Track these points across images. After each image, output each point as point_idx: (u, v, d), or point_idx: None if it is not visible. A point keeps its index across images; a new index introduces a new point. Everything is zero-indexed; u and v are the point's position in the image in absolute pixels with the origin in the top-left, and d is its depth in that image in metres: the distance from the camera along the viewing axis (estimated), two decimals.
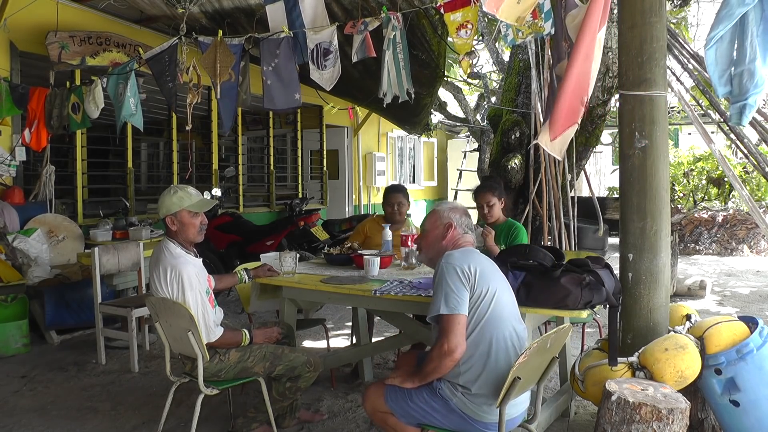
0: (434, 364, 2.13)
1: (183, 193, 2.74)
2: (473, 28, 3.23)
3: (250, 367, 2.74)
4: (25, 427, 3.26)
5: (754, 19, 2.24)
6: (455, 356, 2.09)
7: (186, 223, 2.73)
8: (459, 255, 2.22)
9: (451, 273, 2.15)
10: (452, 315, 2.10)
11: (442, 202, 2.60)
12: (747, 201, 3.85)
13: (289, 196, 9.07)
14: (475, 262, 2.20)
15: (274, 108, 3.89)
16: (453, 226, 2.38)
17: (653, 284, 2.56)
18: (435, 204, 2.64)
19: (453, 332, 2.09)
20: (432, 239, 2.42)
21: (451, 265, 2.17)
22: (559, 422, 3.12)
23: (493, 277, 2.23)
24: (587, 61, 2.51)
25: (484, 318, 2.14)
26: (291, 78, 3.80)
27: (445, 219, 2.40)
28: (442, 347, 2.09)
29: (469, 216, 2.49)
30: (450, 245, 2.36)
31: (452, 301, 2.11)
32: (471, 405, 2.14)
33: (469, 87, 12.98)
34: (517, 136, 5.99)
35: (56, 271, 5.12)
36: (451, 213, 2.42)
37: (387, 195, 4.00)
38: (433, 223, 2.44)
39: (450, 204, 2.51)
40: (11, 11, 5.21)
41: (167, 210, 2.72)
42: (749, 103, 2.30)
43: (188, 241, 2.78)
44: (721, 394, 2.42)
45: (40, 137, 5.02)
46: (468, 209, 2.59)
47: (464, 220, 2.42)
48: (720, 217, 10.03)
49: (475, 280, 2.15)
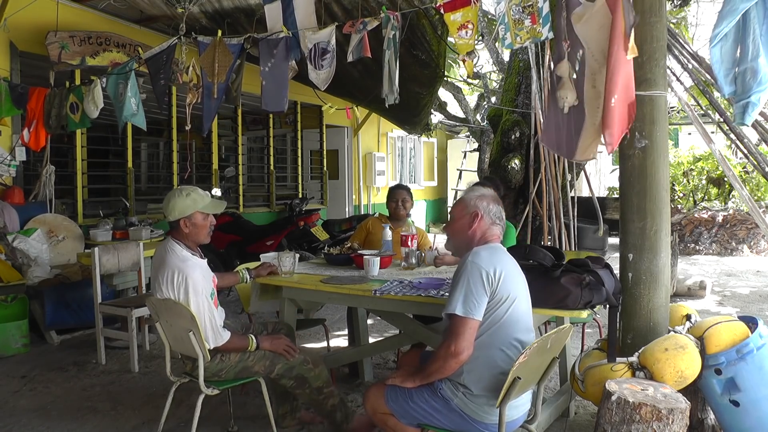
0: (438, 364, 2.12)
1: (196, 195, 2.72)
2: (474, 28, 3.22)
3: (250, 366, 2.74)
4: (25, 427, 3.26)
5: (756, 16, 2.23)
6: (461, 359, 2.07)
7: (199, 225, 2.72)
8: (486, 255, 2.16)
9: (475, 274, 2.10)
10: (466, 318, 2.08)
11: (472, 187, 2.45)
12: (747, 201, 3.85)
13: (289, 196, 9.07)
14: (501, 264, 2.15)
15: (267, 109, 3.91)
16: (480, 215, 2.28)
17: (653, 284, 2.56)
18: (466, 188, 2.50)
19: (463, 335, 2.07)
20: (458, 228, 2.32)
21: (477, 265, 2.11)
22: (559, 422, 3.12)
23: (515, 282, 2.19)
24: (628, 63, 2.42)
25: (497, 323, 2.13)
26: (282, 81, 3.79)
27: (472, 208, 2.30)
28: (449, 348, 2.08)
29: (500, 203, 2.37)
30: (477, 236, 2.28)
31: (469, 304, 2.08)
32: (472, 405, 2.14)
33: (469, 87, 12.99)
34: (517, 136, 5.99)
35: (56, 271, 5.12)
36: (479, 201, 2.31)
37: (391, 192, 4.10)
38: (459, 212, 2.33)
39: (479, 191, 2.37)
40: (11, 11, 5.21)
41: (181, 212, 2.69)
42: (752, 101, 2.28)
43: (197, 243, 2.77)
44: (721, 394, 2.42)
45: (39, 137, 5.02)
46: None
47: (493, 208, 2.31)
48: (720, 217, 10.03)
49: (498, 284, 2.11)
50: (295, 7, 3.73)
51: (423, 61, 5.68)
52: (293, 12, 3.73)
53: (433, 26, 5.25)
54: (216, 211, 2.78)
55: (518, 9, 3.00)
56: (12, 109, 5.10)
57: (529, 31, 3.01)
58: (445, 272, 3.25)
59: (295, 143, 9.59)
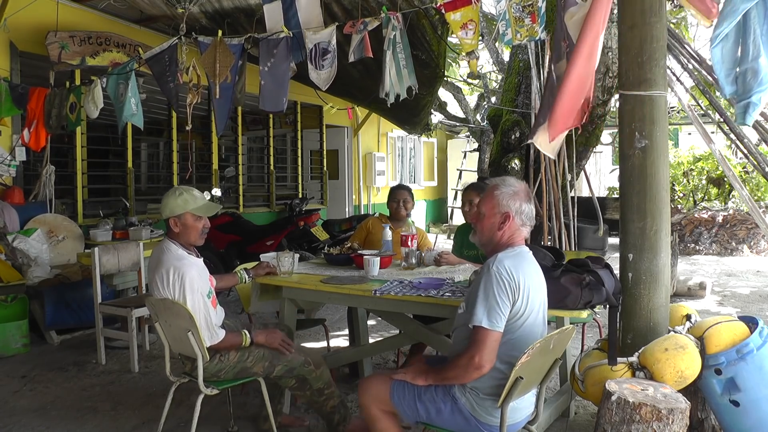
0: (458, 372, 2.09)
1: (188, 195, 2.71)
2: (476, 28, 3.23)
3: (249, 367, 2.74)
4: (25, 427, 3.26)
5: (757, 16, 2.23)
6: (483, 371, 2.05)
7: (189, 226, 2.71)
8: (511, 264, 2.10)
9: (500, 285, 2.06)
10: (491, 331, 2.05)
11: (504, 181, 2.28)
12: (747, 201, 3.85)
13: (289, 196, 9.07)
14: (524, 274, 2.11)
15: (264, 109, 3.91)
16: (511, 217, 2.19)
17: (653, 284, 2.56)
18: (497, 180, 2.30)
19: (487, 348, 2.04)
20: (488, 226, 2.23)
21: (502, 276, 2.06)
22: (559, 422, 3.12)
23: (537, 293, 2.16)
24: (590, 61, 2.49)
25: (513, 334, 2.11)
26: (282, 81, 3.79)
27: (504, 208, 2.20)
28: (472, 359, 2.04)
29: (531, 201, 2.27)
30: (504, 237, 2.21)
31: (495, 316, 2.05)
32: (478, 407, 2.14)
33: (469, 87, 12.98)
34: (517, 136, 5.99)
35: (56, 271, 5.12)
36: (511, 201, 2.20)
37: (392, 192, 4.11)
38: (490, 209, 2.23)
39: (512, 188, 2.24)
40: (11, 11, 5.21)
41: (171, 212, 2.70)
42: (753, 101, 2.27)
43: (189, 244, 2.77)
44: (721, 394, 2.42)
45: (39, 137, 5.02)
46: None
47: (524, 208, 2.22)
48: (720, 217, 10.03)
49: (520, 295, 2.08)
50: (298, 8, 3.73)
51: (423, 61, 5.68)
52: (296, 13, 3.73)
53: (433, 26, 5.24)
54: (208, 214, 2.76)
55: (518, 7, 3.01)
56: (12, 109, 5.11)
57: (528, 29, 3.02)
58: (445, 272, 3.25)
59: (295, 143, 9.60)
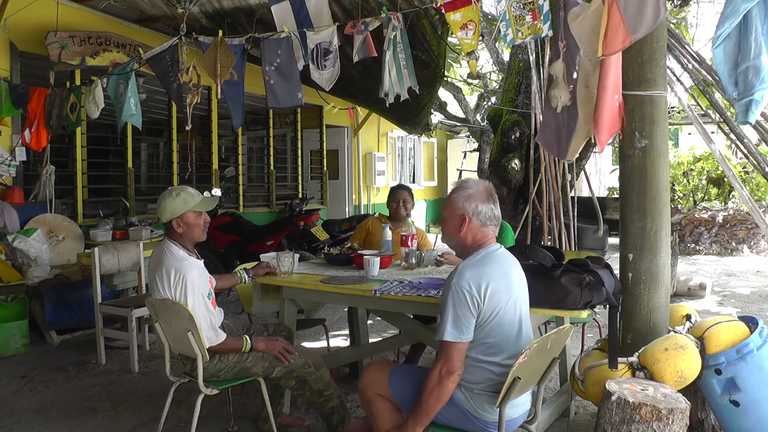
0: (435, 393, 2.07)
1: (185, 194, 2.73)
2: (476, 28, 3.22)
3: (249, 367, 2.74)
4: (25, 427, 3.26)
5: (758, 14, 2.22)
6: (455, 377, 2.06)
7: (192, 223, 2.73)
8: (471, 275, 2.08)
9: (460, 299, 2.06)
10: (457, 343, 2.07)
11: (462, 183, 2.28)
12: (747, 201, 3.85)
13: (289, 196, 9.06)
14: (487, 278, 2.07)
15: (278, 106, 3.91)
16: (467, 219, 2.18)
17: (653, 284, 2.56)
18: (457, 183, 2.32)
19: (453, 358, 2.06)
20: (450, 229, 2.24)
21: (461, 288, 2.06)
22: (559, 422, 3.12)
23: (504, 292, 2.11)
24: (619, 60, 2.44)
25: (489, 335, 2.11)
26: (293, 76, 3.82)
27: (459, 210, 2.20)
28: (440, 371, 2.06)
29: (492, 200, 2.23)
30: (468, 240, 2.21)
31: (459, 329, 2.06)
32: (472, 402, 2.14)
33: (469, 87, 12.98)
34: (517, 136, 5.99)
35: (56, 271, 5.12)
36: (466, 203, 2.19)
37: (392, 192, 4.10)
38: (450, 212, 2.24)
39: (468, 190, 2.22)
40: (11, 11, 5.21)
41: (172, 213, 2.70)
42: (756, 98, 2.26)
43: (193, 242, 2.78)
44: (721, 394, 2.42)
45: (40, 137, 5.02)
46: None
47: (482, 209, 2.18)
48: (720, 217, 10.03)
49: (484, 301, 2.06)
50: (309, 9, 3.74)
51: (423, 61, 5.68)
52: (308, 14, 3.75)
53: (433, 26, 5.25)
54: (207, 208, 2.78)
55: (519, 6, 3.01)
56: (12, 109, 5.10)
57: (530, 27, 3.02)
58: (445, 272, 3.25)
59: (295, 143, 9.60)
